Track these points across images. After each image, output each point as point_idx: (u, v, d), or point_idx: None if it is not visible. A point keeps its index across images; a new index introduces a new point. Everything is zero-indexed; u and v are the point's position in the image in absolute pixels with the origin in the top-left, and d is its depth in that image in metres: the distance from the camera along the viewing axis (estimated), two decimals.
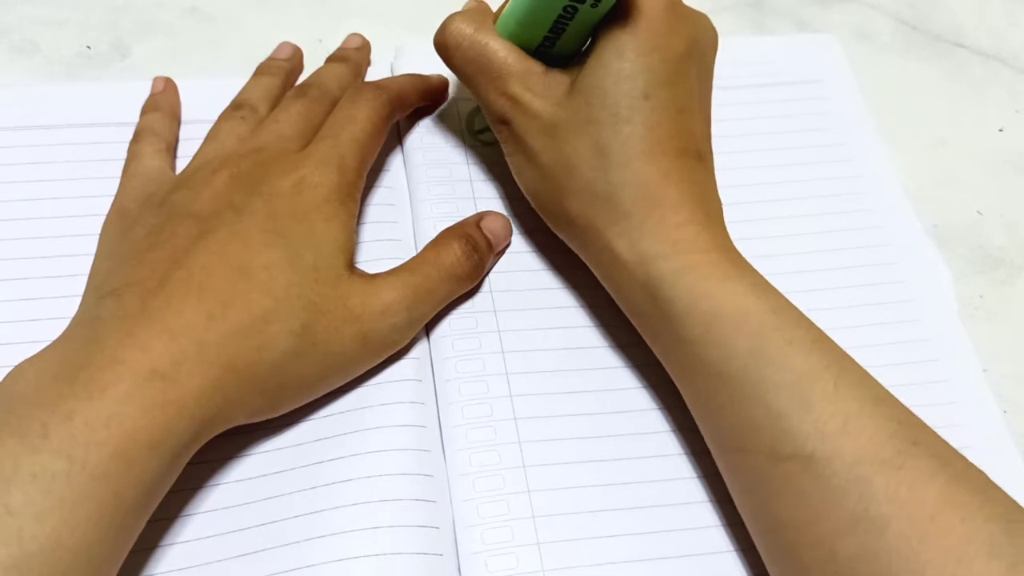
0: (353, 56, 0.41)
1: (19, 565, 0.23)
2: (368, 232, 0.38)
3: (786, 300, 0.30)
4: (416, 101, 0.40)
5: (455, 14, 0.35)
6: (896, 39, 0.48)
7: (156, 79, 0.41)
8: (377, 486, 0.31)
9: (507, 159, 0.36)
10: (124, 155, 0.38)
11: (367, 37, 0.43)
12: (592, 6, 0.32)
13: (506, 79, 0.34)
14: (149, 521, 0.28)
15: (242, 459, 0.32)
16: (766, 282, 0.31)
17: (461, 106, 0.42)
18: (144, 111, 0.39)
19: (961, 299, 0.39)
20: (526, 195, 0.36)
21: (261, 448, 0.32)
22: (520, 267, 0.38)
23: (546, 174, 0.34)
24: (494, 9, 0.36)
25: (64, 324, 0.30)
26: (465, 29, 0.35)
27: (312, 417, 0.33)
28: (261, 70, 0.40)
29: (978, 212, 0.42)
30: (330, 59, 0.41)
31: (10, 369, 0.28)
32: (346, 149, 0.34)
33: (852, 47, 0.47)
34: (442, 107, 0.42)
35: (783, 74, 0.44)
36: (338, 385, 0.33)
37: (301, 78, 0.42)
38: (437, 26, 0.36)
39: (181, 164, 0.37)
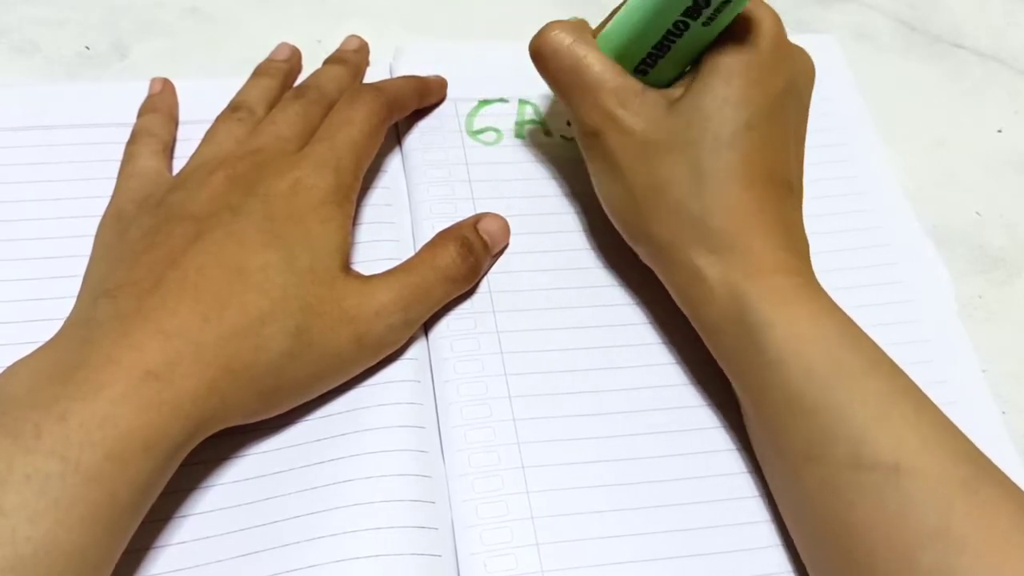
0: (351, 58, 0.41)
1: (13, 566, 0.23)
2: (366, 232, 0.38)
3: (863, 330, 0.31)
4: (414, 103, 0.40)
5: (554, 22, 0.35)
6: (896, 39, 0.48)
7: (154, 80, 0.40)
8: (376, 487, 0.31)
9: (592, 174, 0.36)
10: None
11: (366, 38, 0.43)
12: (704, 24, 0.32)
13: (601, 93, 0.34)
14: (144, 522, 0.28)
15: (239, 460, 0.32)
16: (845, 312, 0.31)
17: (460, 107, 0.42)
18: (141, 112, 0.39)
19: (960, 299, 0.39)
20: (606, 209, 0.36)
21: (258, 449, 0.32)
22: (519, 268, 0.38)
23: (634, 192, 0.34)
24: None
25: None
26: (564, 39, 0.35)
27: (310, 418, 0.33)
28: (259, 71, 0.40)
29: (977, 213, 0.42)
30: (328, 61, 0.41)
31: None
32: (343, 151, 0.34)
33: (852, 47, 0.47)
34: (441, 108, 0.42)
35: None
36: (334, 386, 0.33)
37: (300, 79, 0.42)
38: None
39: (179, 164, 0.37)
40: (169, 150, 0.38)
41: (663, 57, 0.34)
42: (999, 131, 0.46)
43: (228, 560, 0.30)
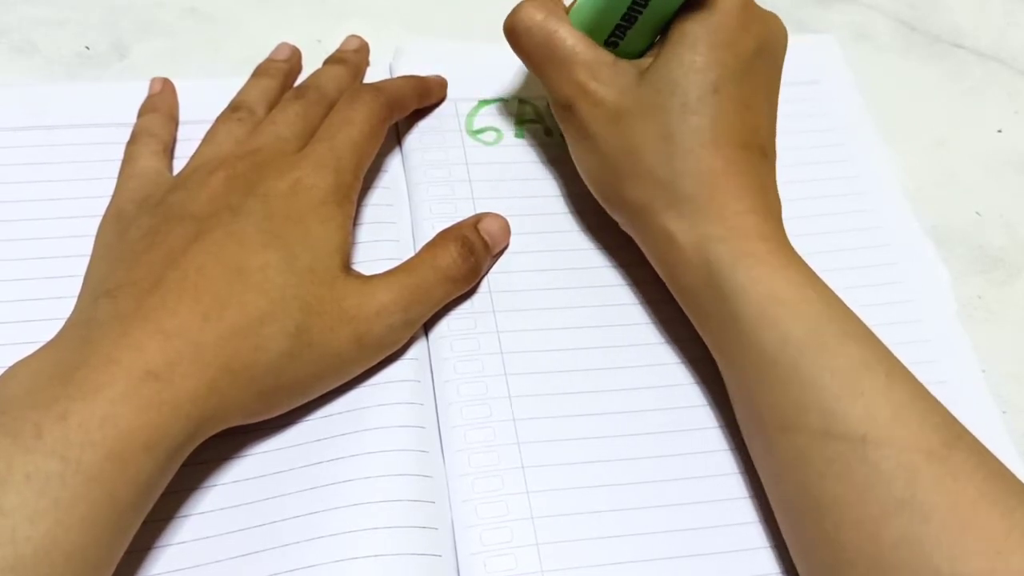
0: (351, 58, 0.41)
1: (13, 566, 0.23)
2: (366, 232, 0.38)
3: (838, 296, 0.31)
4: (414, 103, 0.40)
5: (526, 0, 0.36)
6: (895, 40, 0.48)
7: (154, 80, 0.41)
8: (376, 487, 0.31)
9: (569, 145, 0.37)
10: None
11: (366, 38, 0.43)
12: None
13: (573, 66, 0.35)
14: (145, 522, 0.28)
15: (239, 460, 0.32)
16: (819, 277, 0.31)
17: (460, 107, 0.42)
18: (141, 112, 0.39)
19: (960, 299, 0.39)
20: (585, 179, 0.37)
21: (259, 449, 0.32)
22: (519, 268, 0.38)
23: (608, 160, 0.34)
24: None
25: None
26: (535, 15, 0.35)
27: (310, 418, 0.33)
28: (259, 71, 0.40)
29: (977, 213, 0.42)
30: (328, 61, 0.41)
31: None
32: (343, 151, 0.34)
33: (851, 48, 0.47)
34: (441, 108, 0.42)
35: (782, 75, 0.44)
36: (334, 386, 0.33)
37: (300, 78, 0.42)
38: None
39: (179, 164, 0.37)
40: (169, 150, 0.38)
41: (631, 28, 0.35)
42: (999, 131, 0.46)
43: (228, 560, 0.30)
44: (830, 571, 0.28)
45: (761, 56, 0.34)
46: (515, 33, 0.36)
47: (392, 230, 0.38)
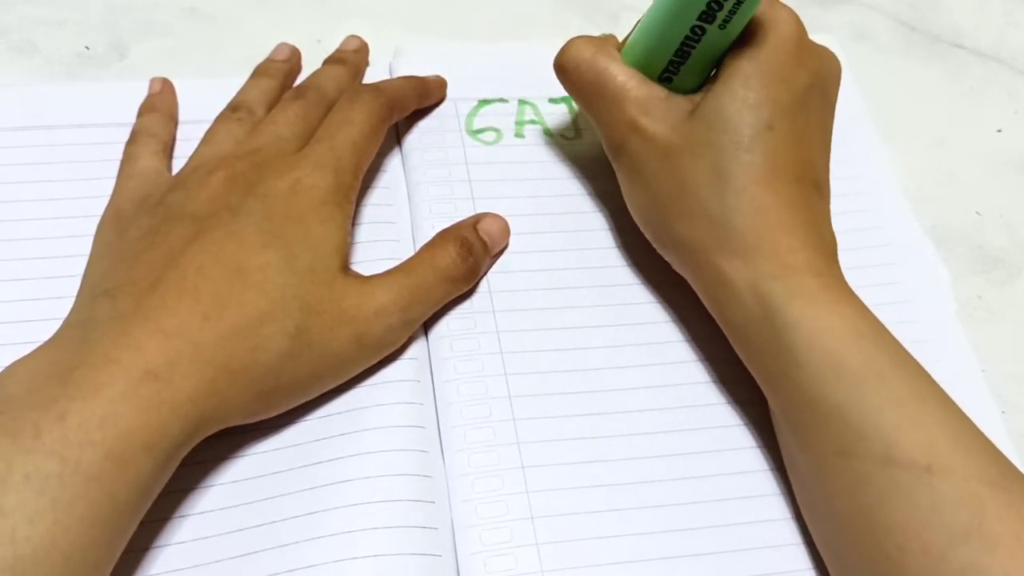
0: (351, 58, 0.41)
1: (12, 566, 0.23)
2: (366, 232, 0.38)
3: (888, 329, 0.31)
4: (414, 103, 0.40)
5: (577, 37, 0.36)
6: (895, 40, 0.48)
7: (153, 80, 0.40)
8: (375, 487, 0.31)
9: (620, 181, 0.37)
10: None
11: (366, 38, 0.43)
12: (720, 27, 0.32)
13: (624, 102, 0.34)
14: (144, 522, 0.28)
15: (239, 460, 0.32)
16: (870, 311, 0.32)
17: (460, 106, 0.42)
18: (141, 112, 0.39)
19: (960, 299, 0.39)
20: (636, 218, 0.36)
21: (258, 449, 0.32)
22: (519, 268, 0.38)
23: (659, 197, 0.34)
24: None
25: None
26: (585, 52, 0.35)
27: (310, 417, 0.33)
28: (259, 71, 0.40)
29: (977, 212, 0.42)
30: (328, 61, 0.41)
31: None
32: (342, 151, 0.34)
33: (851, 48, 0.47)
34: (441, 107, 0.42)
35: None
36: (333, 386, 0.33)
37: (300, 78, 0.42)
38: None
39: (179, 164, 0.37)
40: (169, 150, 0.38)
41: (684, 64, 0.34)
42: (999, 131, 0.46)
43: (227, 560, 0.30)
44: None
45: (815, 90, 0.34)
46: (565, 70, 0.36)
47: (392, 230, 0.38)
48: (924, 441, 0.28)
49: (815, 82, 0.34)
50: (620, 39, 0.37)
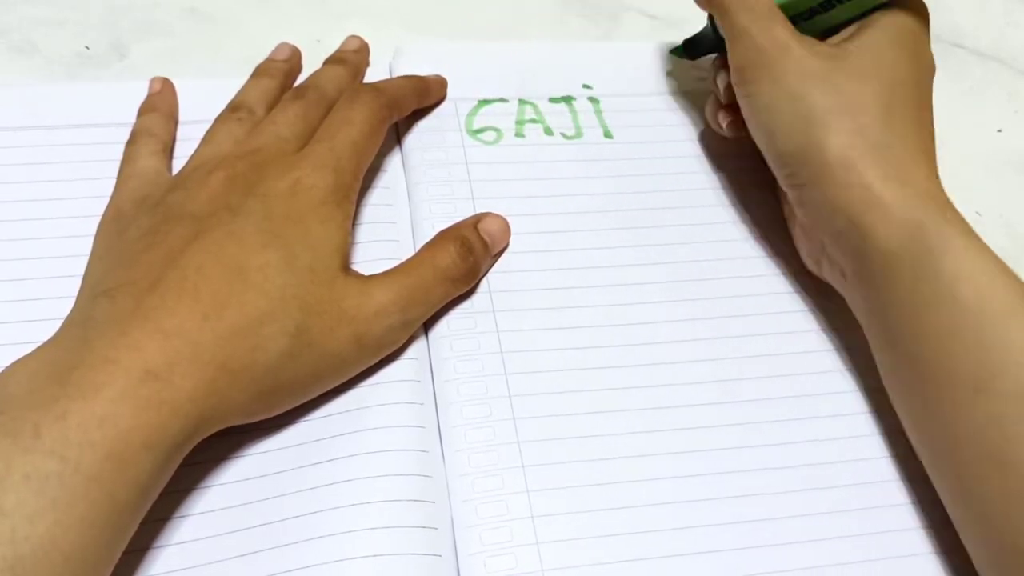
0: (351, 58, 0.41)
1: (12, 566, 0.23)
2: (366, 232, 0.38)
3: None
4: (414, 103, 0.40)
5: None
6: None
7: (153, 79, 0.41)
8: (375, 486, 0.31)
9: (751, 100, 0.37)
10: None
11: (366, 38, 0.43)
12: None
13: (776, 24, 0.36)
14: (144, 522, 0.28)
15: (238, 460, 0.32)
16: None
17: (460, 106, 0.42)
18: (141, 112, 0.39)
19: None
20: (766, 135, 0.36)
21: (258, 449, 0.32)
22: (519, 267, 0.38)
23: (812, 112, 0.35)
24: None
25: None
26: None
27: (310, 417, 0.33)
28: (259, 71, 0.40)
29: (977, 212, 0.42)
30: (328, 61, 0.41)
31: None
32: (342, 151, 0.34)
33: None
34: (441, 107, 0.42)
35: None
36: (333, 386, 0.33)
37: (300, 78, 0.42)
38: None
39: (179, 164, 0.37)
40: (169, 150, 0.38)
41: (826, 13, 0.37)
42: (999, 131, 0.46)
43: (227, 560, 0.30)
44: (1015, 523, 0.29)
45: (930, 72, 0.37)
46: None
47: (392, 230, 0.38)
48: None
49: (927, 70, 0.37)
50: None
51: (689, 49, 0.42)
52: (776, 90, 0.35)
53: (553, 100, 0.43)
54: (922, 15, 0.37)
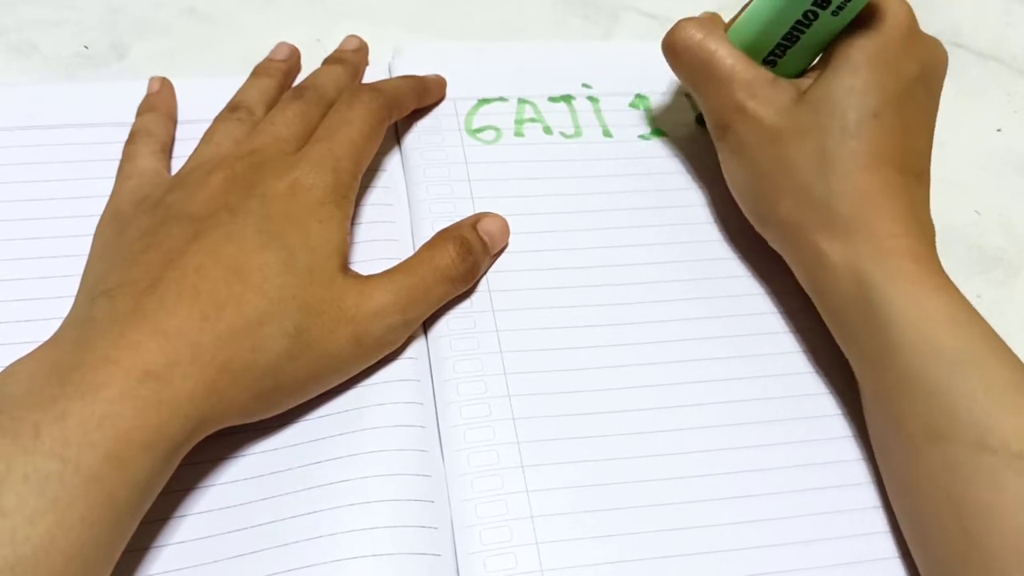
0: (351, 58, 0.41)
1: (12, 567, 0.23)
2: (366, 232, 0.38)
3: (984, 319, 0.31)
4: (413, 103, 0.40)
5: (685, 19, 0.37)
6: None
7: (152, 79, 0.41)
8: (375, 486, 0.31)
9: (722, 160, 0.37)
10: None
11: (365, 38, 0.43)
12: (833, 13, 0.33)
13: (732, 85, 0.35)
14: (144, 522, 0.28)
15: (238, 459, 0.32)
16: (968, 301, 0.32)
17: (459, 106, 0.42)
18: (140, 112, 0.39)
19: None
20: (736, 195, 0.37)
21: (258, 448, 0.32)
22: (518, 267, 0.38)
23: (763, 177, 0.35)
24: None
25: None
26: (695, 34, 0.36)
27: (309, 417, 0.33)
28: (258, 71, 0.40)
29: (976, 212, 0.42)
30: (327, 61, 0.41)
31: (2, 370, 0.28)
32: (341, 151, 0.34)
33: None
34: (440, 107, 0.42)
35: None
36: (332, 386, 0.33)
37: (299, 78, 0.42)
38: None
39: (178, 164, 0.37)
40: (168, 150, 0.38)
41: (792, 47, 0.35)
42: (998, 131, 0.46)
43: (227, 560, 0.30)
44: (973, 569, 0.29)
45: (922, 80, 0.34)
46: (674, 52, 0.37)
47: (391, 230, 0.38)
48: (1017, 428, 0.28)
49: (923, 72, 0.34)
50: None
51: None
52: (734, 159, 0.36)
53: (552, 99, 0.43)
54: (899, 25, 0.34)
